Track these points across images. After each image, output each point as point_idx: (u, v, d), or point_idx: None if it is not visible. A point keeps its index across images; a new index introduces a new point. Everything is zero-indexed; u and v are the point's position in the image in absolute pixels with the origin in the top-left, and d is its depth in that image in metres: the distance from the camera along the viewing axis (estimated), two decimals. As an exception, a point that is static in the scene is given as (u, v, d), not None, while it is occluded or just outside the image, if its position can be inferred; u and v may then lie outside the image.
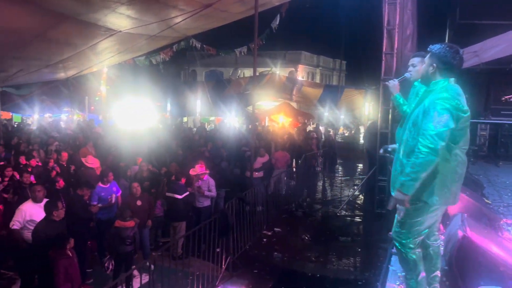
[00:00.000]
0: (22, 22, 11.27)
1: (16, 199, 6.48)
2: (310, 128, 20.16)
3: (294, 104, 22.34)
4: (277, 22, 16.00)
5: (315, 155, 13.37)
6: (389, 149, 3.61)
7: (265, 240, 8.31)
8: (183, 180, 7.77)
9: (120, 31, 13.41)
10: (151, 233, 7.59)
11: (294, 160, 12.73)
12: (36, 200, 5.53)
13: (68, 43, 13.13)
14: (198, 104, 20.38)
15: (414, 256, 2.97)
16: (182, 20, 13.46)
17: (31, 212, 5.40)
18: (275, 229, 8.79)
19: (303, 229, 8.95)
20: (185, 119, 23.38)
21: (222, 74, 33.35)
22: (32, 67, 14.64)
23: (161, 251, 5.69)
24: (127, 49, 16.15)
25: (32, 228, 5.18)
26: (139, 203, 6.88)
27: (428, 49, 2.86)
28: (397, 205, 2.90)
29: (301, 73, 35.94)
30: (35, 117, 19.65)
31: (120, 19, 12.28)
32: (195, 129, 18.77)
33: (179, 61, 24.88)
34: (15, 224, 5.30)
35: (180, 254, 6.79)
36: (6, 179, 7.12)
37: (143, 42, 15.64)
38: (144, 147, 10.73)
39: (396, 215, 3.04)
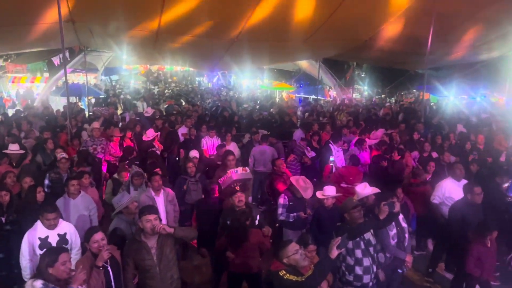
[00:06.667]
0: (457, 5, 11.60)
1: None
2: None
3: None
4: None
5: None
6: None
7: None
8: None
9: None
10: None
11: None
12: (457, 178, 5.68)
13: (496, 23, 12.43)
14: None
15: None
16: None
17: (450, 189, 5.64)
18: None
19: None
20: None
21: None
22: (458, 50, 14.96)
23: None
24: None
25: (449, 204, 5.41)
26: None
27: None
28: None
29: None
30: (451, 98, 20.24)
31: None
32: None
33: None
34: (435, 198, 5.71)
35: None
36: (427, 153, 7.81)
37: None
38: None
39: None
